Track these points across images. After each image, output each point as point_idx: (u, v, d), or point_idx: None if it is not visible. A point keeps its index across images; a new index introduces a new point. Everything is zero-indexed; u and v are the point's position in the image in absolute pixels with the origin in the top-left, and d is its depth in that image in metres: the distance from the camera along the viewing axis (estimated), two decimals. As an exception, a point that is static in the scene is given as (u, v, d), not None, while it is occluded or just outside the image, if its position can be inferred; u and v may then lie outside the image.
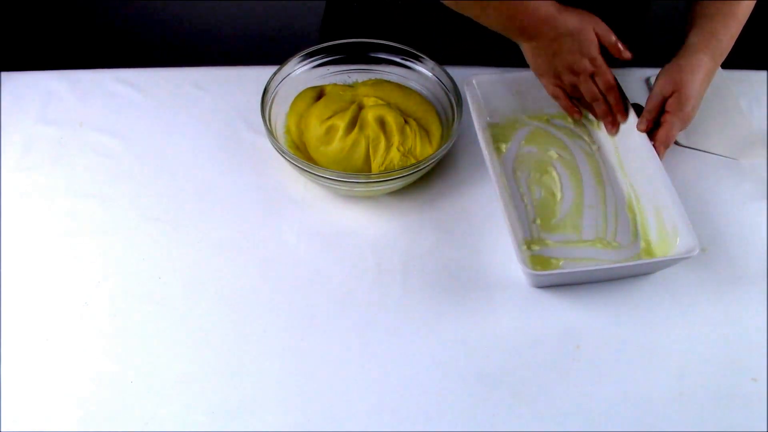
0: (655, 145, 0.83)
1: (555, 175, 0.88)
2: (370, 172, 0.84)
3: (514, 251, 0.74)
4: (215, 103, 0.95)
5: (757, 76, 1.02)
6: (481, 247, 0.81)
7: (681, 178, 0.87)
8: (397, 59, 0.92)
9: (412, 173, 0.80)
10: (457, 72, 0.89)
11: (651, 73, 1.00)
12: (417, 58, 0.91)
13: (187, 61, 1.01)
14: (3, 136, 0.90)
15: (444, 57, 0.90)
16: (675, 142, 0.90)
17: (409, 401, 0.70)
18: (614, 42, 0.84)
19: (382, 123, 0.84)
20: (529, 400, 0.70)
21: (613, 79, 0.87)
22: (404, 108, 0.88)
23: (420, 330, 0.74)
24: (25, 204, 0.83)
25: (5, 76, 0.97)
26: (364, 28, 0.98)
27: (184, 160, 0.89)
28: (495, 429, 0.68)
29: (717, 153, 0.92)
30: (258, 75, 0.89)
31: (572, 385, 0.71)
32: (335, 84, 0.92)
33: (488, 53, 0.95)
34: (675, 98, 0.84)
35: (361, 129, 0.84)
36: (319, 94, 0.90)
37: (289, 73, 0.89)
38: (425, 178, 0.87)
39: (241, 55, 1.23)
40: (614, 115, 0.89)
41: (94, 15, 1.65)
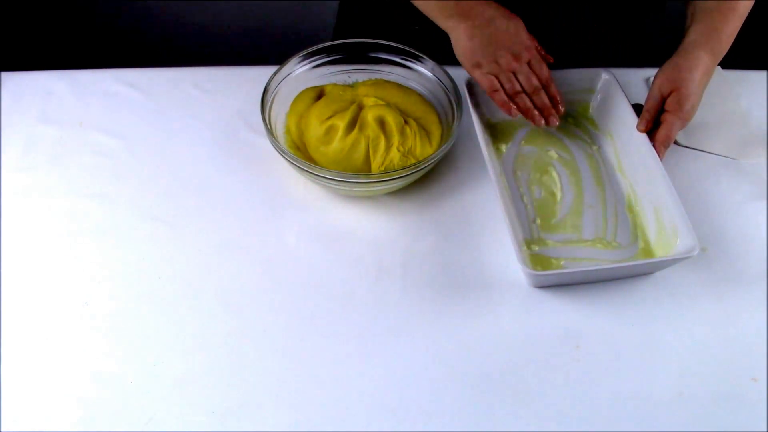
0: (655, 145, 0.83)
1: (555, 175, 0.88)
2: (370, 172, 0.84)
3: (514, 251, 0.74)
4: (215, 103, 0.95)
5: (757, 76, 1.02)
6: (481, 247, 0.81)
7: (681, 178, 0.87)
8: (397, 59, 0.92)
9: (412, 173, 0.80)
10: (457, 72, 0.89)
11: (651, 73, 0.99)
12: (417, 58, 0.91)
13: (187, 61, 1.01)
14: (3, 136, 0.90)
15: (444, 57, 0.90)
16: (675, 141, 0.90)
17: (409, 401, 0.70)
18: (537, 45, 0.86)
19: (382, 123, 0.84)
20: (529, 400, 0.70)
21: (549, 72, 0.86)
22: (404, 108, 0.88)
23: (420, 330, 0.74)
24: (25, 204, 0.83)
25: (5, 76, 0.97)
26: (376, 27, 0.97)
27: (184, 160, 0.89)
28: (495, 429, 0.68)
29: (717, 153, 0.92)
30: (258, 75, 0.89)
31: (572, 385, 0.71)
32: (335, 84, 0.92)
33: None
34: (674, 97, 0.83)
35: (361, 129, 0.84)
36: (319, 94, 0.90)
37: (289, 73, 0.89)
38: (425, 178, 0.87)
39: (241, 55, 1.23)
40: (556, 106, 0.86)
41: (94, 15, 1.65)
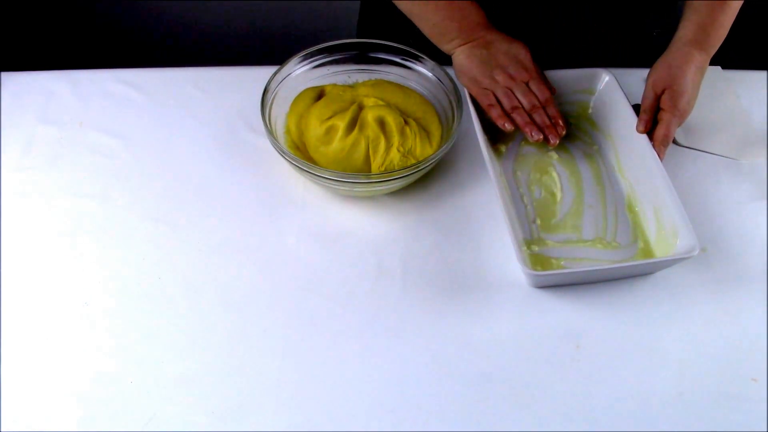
0: (654, 145, 0.83)
1: (555, 175, 0.88)
2: (370, 173, 0.84)
3: (514, 251, 0.74)
4: (215, 103, 0.95)
5: (757, 76, 1.02)
6: (481, 247, 0.81)
7: (681, 178, 0.87)
8: (397, 59, 0.92)
9: (412, 173, 0.80)
10: (457, 72, 0.89)
11: (651, 73, 1.00)
12: (417, 58, 0.91)
13: (187, 61, 1.01)
14: (3, 136, 0.90)
15: (444, 57, 0.90)
16: (674, 142, 0.90)
17: (409, 401, 0.70)
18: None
19: (382, 123, 0.84)
20: (529, 400, 0.70)
21: (550, 93, 0.86)
22: (404, 108, 0.88)
23: (420, 330, 0.74)
24: (25, 204, 0.83)
25: (5, 76, 0.97)
26: (400, 27, 0.97)
27: (184, 160, 0.89)
28: (495, 429, 0.68)
29: (717, 153, 0.92)
30: (258, 75, 0.89)
31: (572, 385, 0.71)
32: (335, 84, 0.92)
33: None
34: (668, 95, 0.83)
35: (361, 129, 0.84)
36: (319, 94, 0.90)
37: (289, 73, 0.89)
38: (425, 179, 0.87)
39: (241, 55, 1.23)
40: (555, 126, 0.85)
41: (94, 15, 1.65)
